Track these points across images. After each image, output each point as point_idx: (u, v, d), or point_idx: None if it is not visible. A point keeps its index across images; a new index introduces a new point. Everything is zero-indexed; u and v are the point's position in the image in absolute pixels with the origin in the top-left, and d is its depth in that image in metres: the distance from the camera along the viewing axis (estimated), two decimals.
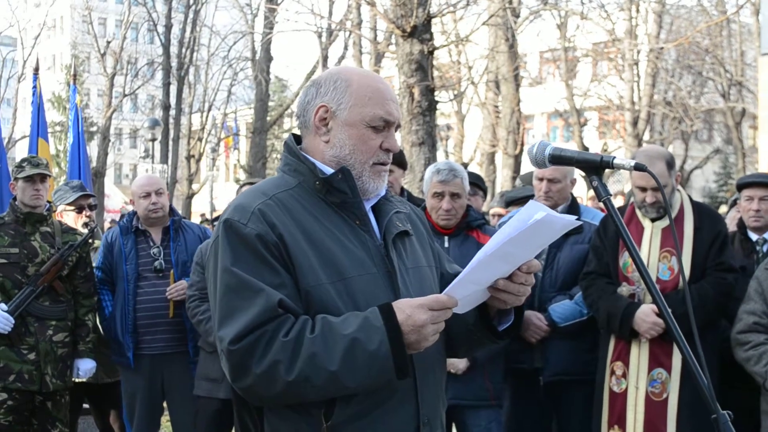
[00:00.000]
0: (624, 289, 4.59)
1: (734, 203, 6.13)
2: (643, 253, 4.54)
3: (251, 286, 2.23)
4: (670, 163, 4.58)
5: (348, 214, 2.39)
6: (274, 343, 2.19)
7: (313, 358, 2.17)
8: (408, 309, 2.20)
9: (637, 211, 4.67)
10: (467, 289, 2.27)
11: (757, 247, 5.19)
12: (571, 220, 2.28)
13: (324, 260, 2.30)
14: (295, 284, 2.28)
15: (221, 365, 2.31)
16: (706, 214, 4.68)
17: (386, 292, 2.33)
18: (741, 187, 5.37)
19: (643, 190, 4.56)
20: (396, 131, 2.47)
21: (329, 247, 2.31)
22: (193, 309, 5.28)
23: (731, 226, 5.49)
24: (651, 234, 4.58)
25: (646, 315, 4.44)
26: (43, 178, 5.32)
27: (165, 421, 6.23)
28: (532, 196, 6.72)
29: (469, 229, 4.84)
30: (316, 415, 2.28)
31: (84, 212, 6.14)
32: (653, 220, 4.61)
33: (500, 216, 7.61)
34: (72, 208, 6.12)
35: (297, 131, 2.58)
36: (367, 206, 2.46)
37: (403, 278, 2.40)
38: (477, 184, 6.00)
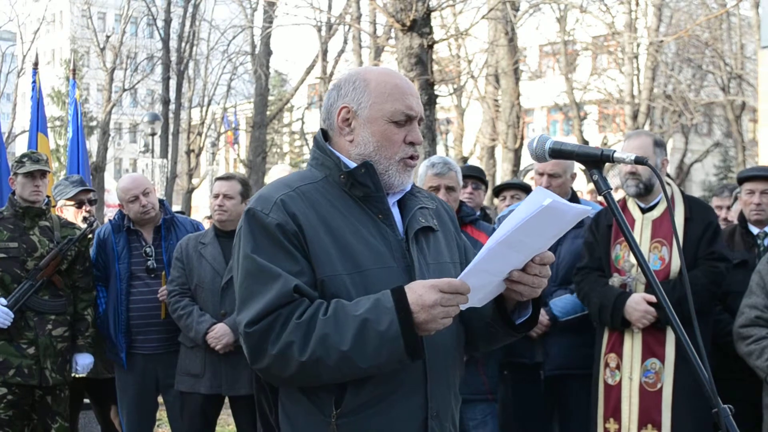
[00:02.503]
0: (615, 280, 4.60)
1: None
2: None
3: (269, 272, 2.30)
4: (657, 143, 4.60)
5: (371, 208, 2.44)
6: (288, 325, 2.25)
7: (326, 339, 2.22)
8: (419, 289, 2.22)
9: (628, 203, 4.69)
10: (481, 278, 2.27)
11: (759, 241, 5.19)
12: (584, 209, 2.29)
13: (342, 252, 2.35)
14: (314, 273, 2.34)
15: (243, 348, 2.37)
16: (696, 205, 4.70)
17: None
18: (742, 180, 5.37)
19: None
20: (420, 125, 2.51)
21: (348, 239, 2.37)
22: (174, 304, 5.27)
23: (736, 219, 5.49)
24: (641, 226, 4.60)
25: (637, 304, 4.45)
26: (42, 174, 5.31)
27: (165, 415, 6.23)
28: (516, 185, 6.73)
29: (462, 225, 4.83)
30: (326, 402, 2.33)
31: (84, 207, 6.13)
32: (644, 212, 4.62)
33: None
34: (72, 203, 6.11)
35: (298, 126, 2.60)
36: (392, 200, 2.51)
37: (423, 273, 2.41)
38: (479, 177, 5.97)
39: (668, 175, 5.17)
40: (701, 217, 4.61)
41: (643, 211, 4.63)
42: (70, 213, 6.03)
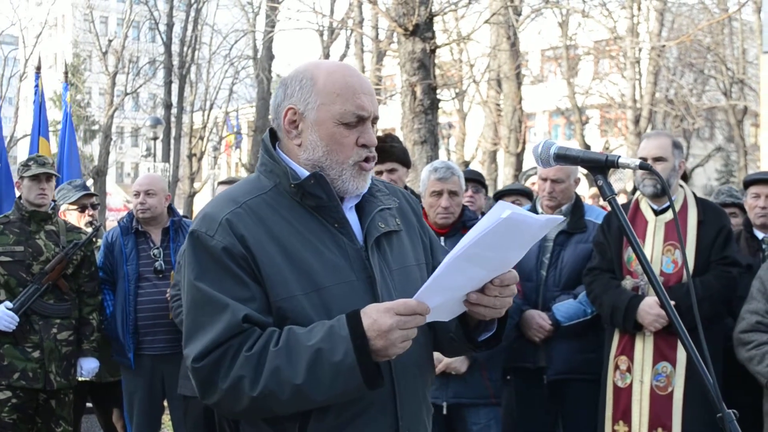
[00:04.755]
0: (627, 283, 4.59)
1: (733, 204, 6.06)
2: (647, 247, 4.54)
3: (216, 302, 2.16)
4: (676, 144, 4.61)
5: (325, 218, 2.27)
6: (238, 358, 2.12)
7: (277, 372, 2.09)
8: (374, 314, 2.08)
9: (641, 205, 4.68)
10: (441, 295, 2.15)
11: (764, 246, 5.18)
12: (552, 219, 2.21)
13: (297, 270, 2.20)
14: (266, 297, 2.20)
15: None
16: (710, 209, 4.68)
17: (365, 300, 2.19)
18: (748, 184, 5.38)
19: (644, 161, 4.55)
20: (374, 125, 2.33)
21: (303, 256, 2.21)
22: (176, 309, 5.26)
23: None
24: (654, 228, 4.58)
25: (650, 307, 4.42)
26: (48, 177, 5.33)
27: (168, 420, 6.24)
28: (517, 190, 6.72)
29: (465, 229, 4.83)
30: (290, 429, 2.21)
31: (87, 211, 6.17)
32: (657, 214, 4.61)
33: None
34: (75, 207, 6.15)
35: None
36: (349, 205, 2.35)
37: (386, 282, 2.29)
38: (479, 181, 5.99)
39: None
40: (714, 220, 4.59)
41: (656, 213, 4.62)
42: (73, 217, 6.07)
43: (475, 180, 5.89)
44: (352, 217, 2.34)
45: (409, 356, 2.22)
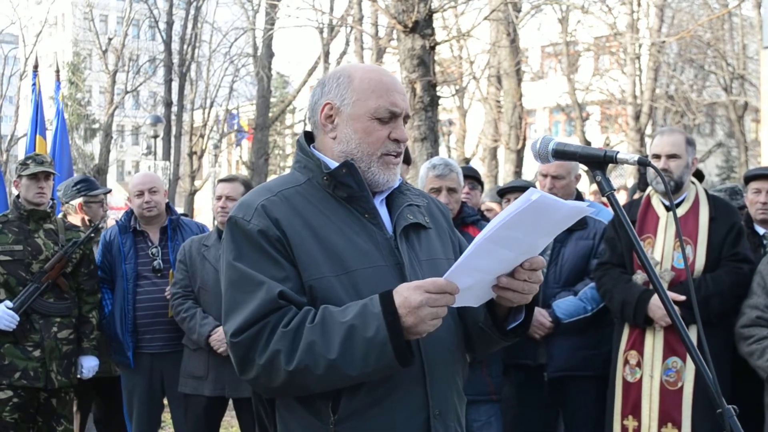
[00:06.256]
0: (639, 277, 4.57)
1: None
2: (659, 242, 4.54)
3: (253, 280, 2.27)
4: (689, 141, 4.62)
5: (356, 208, 2.39)
6: (275, 334, 2.22)
7: (312, 347, 2.18)
8: (405, 291, 2.17)
9: (653, 201, 4.68)
10: (471, 276, 2.21)
11: (765, 241, 5.17)
12: (580, 207, 2.25)
13: (328, 254, 2.30)
14: (300, 278, 2.30)
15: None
16: (721, 206, 4.68)
17: (394, 283, 2.27)
18: (749, 179, 5.37)
19: (657, 157, 4.56)
20: (405, 122, 2.46)
21: (334, 240, 2.32)
22: (177, 307, 5.28)
23: None
24: (666, 223, 4.57)
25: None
26: (47, 175, 5.33)
27: (169, 418, 6.24)
28: (523, 187, 6.71)
29: (464, 226, 4.83)
30: (323, 408, 2.28)
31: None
32: (668, 209, 4.60)
33: (494, 212, 7.52)
34: (96, 200, 6.19)
35: (300, 128, 2.59)
36: (380, 198, 2.47)
37: (414, 270, 2.37)
38: (475, 177, 5.98)
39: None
40: (725, 217, 4.59)
41: (668, 208, 4.60)
42: (74, 215, 6.07)
43: (471, 177, 5.89)
44: (383, 211, 2.46)
45: (439, 339, 2.32)
